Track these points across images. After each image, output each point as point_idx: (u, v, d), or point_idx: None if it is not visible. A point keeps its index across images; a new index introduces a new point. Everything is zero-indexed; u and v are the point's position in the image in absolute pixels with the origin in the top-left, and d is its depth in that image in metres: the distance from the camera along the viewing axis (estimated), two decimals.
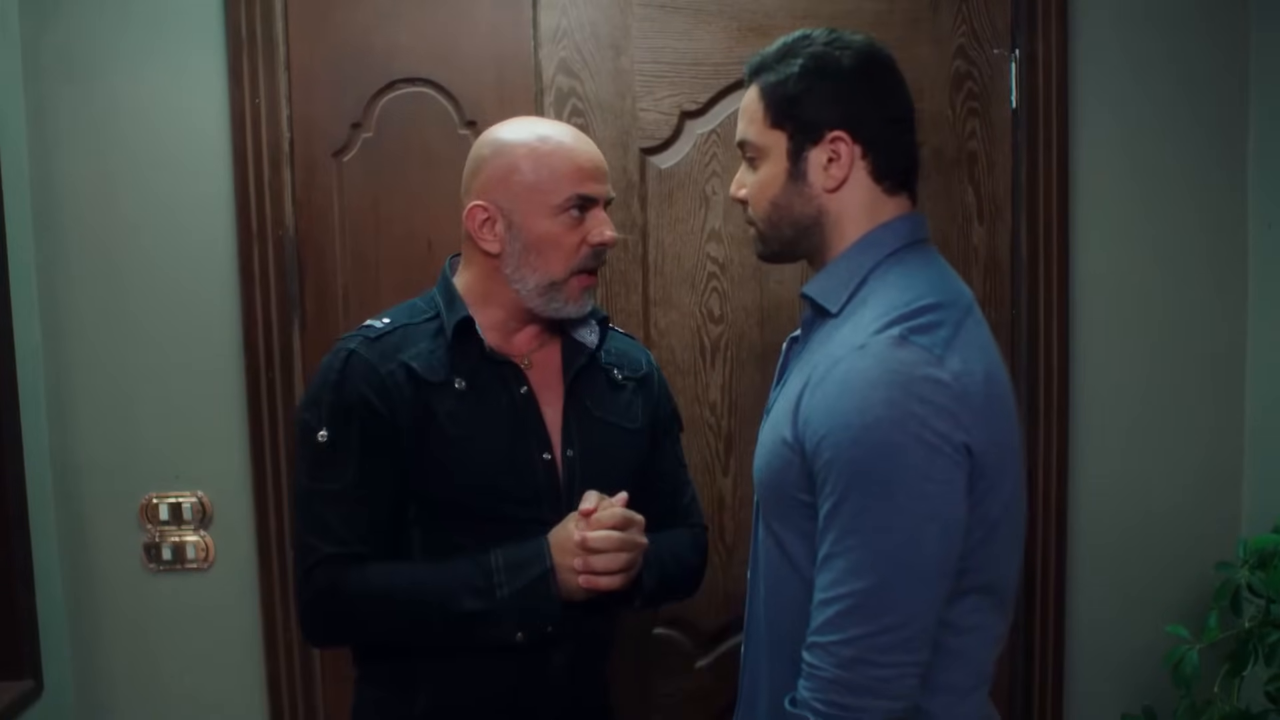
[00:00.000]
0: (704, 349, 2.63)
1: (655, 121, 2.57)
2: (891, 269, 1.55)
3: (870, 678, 1.39)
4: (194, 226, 2.51)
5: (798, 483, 1.49)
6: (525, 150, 1.79)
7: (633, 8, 2.54)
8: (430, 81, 2.54)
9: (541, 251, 1.78)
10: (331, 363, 1.78)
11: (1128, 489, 2.71)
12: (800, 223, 1.60)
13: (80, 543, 2.57)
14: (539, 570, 1.74)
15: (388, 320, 1.83)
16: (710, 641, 2.69)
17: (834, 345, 1.49)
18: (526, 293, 1.81)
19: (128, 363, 2.53)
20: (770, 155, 1.60)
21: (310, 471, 1.75)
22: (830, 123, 1.55)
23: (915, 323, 1.44)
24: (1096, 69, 2.62)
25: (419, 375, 1.77)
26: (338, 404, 1.74)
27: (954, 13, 2.59)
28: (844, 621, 1.40)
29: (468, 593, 1.72)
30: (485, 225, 1.80)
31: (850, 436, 1.39)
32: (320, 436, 1.73)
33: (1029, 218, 2.63)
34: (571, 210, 1.78)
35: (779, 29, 2.55)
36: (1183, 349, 2.70)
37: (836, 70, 1.55)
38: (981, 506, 1.45)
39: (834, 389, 1.43)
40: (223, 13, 2.48)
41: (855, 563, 1.40)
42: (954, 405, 1.40)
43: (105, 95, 2.50)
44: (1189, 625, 2.48)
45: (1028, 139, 2.61)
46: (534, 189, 1.77)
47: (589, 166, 1.81)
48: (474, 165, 1.84)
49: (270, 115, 2.50)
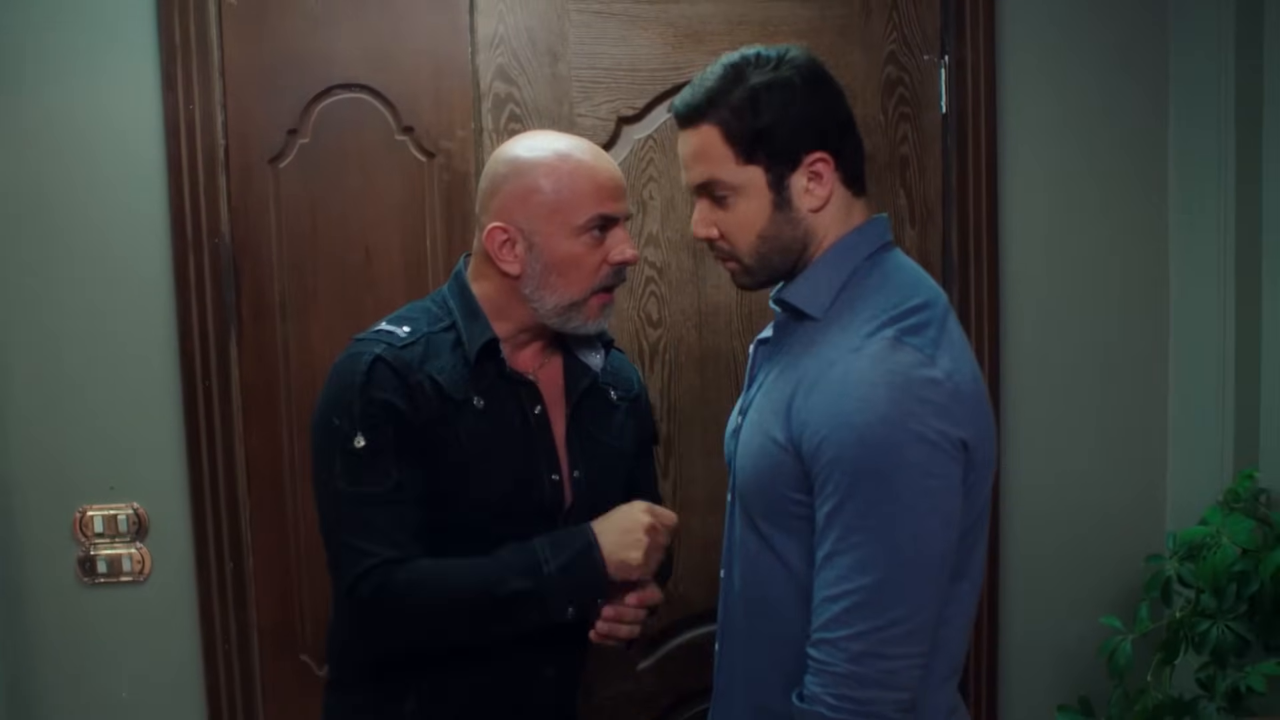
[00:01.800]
0: (643, 353, 2.64)
1: (593, 127, 2.58)
2: (870, 272, 1.59)
3: (880, 670, 1.42)
4: (128, 234, 2.48)
5: (791, 483, 1.52)
6: (545, 169, 1.75)
7: (569, 14, 2.56)
8: (367, 87, 2.53)
9: (563, 272, 1.76)
10: (353, 367, 1.73)
11: (1057, 485, 2.77)
12: (790, 248, 1.61)
13: (12, 556, 2.52)
14: (582, 544, 1.74)
15: (408, 330, 1.78)
16: (651, 644, 2.70)
17: (825, 348, 1.53)
18: (545, 312, 1.79)
19: (60, 373, 2.49)
20: (747, 191, 1.58)
21: (350, 477, 1.69)
22: (806, 145, 1.56)
23: (906, 324, 1.49)
24: (1022, 75, 2.69)
25: (444, 390, 1.75)
26: (370, 409, 1.70)
27: (885, 19, 2.64)
28: (851, 617, 1.43)
29: (514, 574, 1.70)
30: (505, 246, 1.76)
31: (853, 436, 1.43)
32: (358, 443, 1.68)
33: (959, 220, 2.68)
34: (593, 230, 1.76)
35: (713, 35, 2.58)
36: (1108, 349, 2.78)
37: (794, 91, 1.56)
38: (971, 497, 1.51)
39: (832, 391, 1.47)
40: (155, 17, 2.46)
41: (861, 559, 1.43)
42: (949, 402, 1.45)
43: (34, 102, 2.46)
44: (1121, 617, 2.54)
45: (957, 143, 2.66)
46: (555, 210, 1.74)
47: (610, 185, 1.78)
48: (491, 184, 1.80)
49: (205, 122, 2.48)
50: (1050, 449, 2.77)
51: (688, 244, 2.61)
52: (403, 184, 2.56)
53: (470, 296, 1.82)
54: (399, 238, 2.57)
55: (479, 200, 1.83)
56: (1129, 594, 2.70)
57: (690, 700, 2.69)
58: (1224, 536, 2.37)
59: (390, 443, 1.70)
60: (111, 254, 2.48)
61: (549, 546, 1.72)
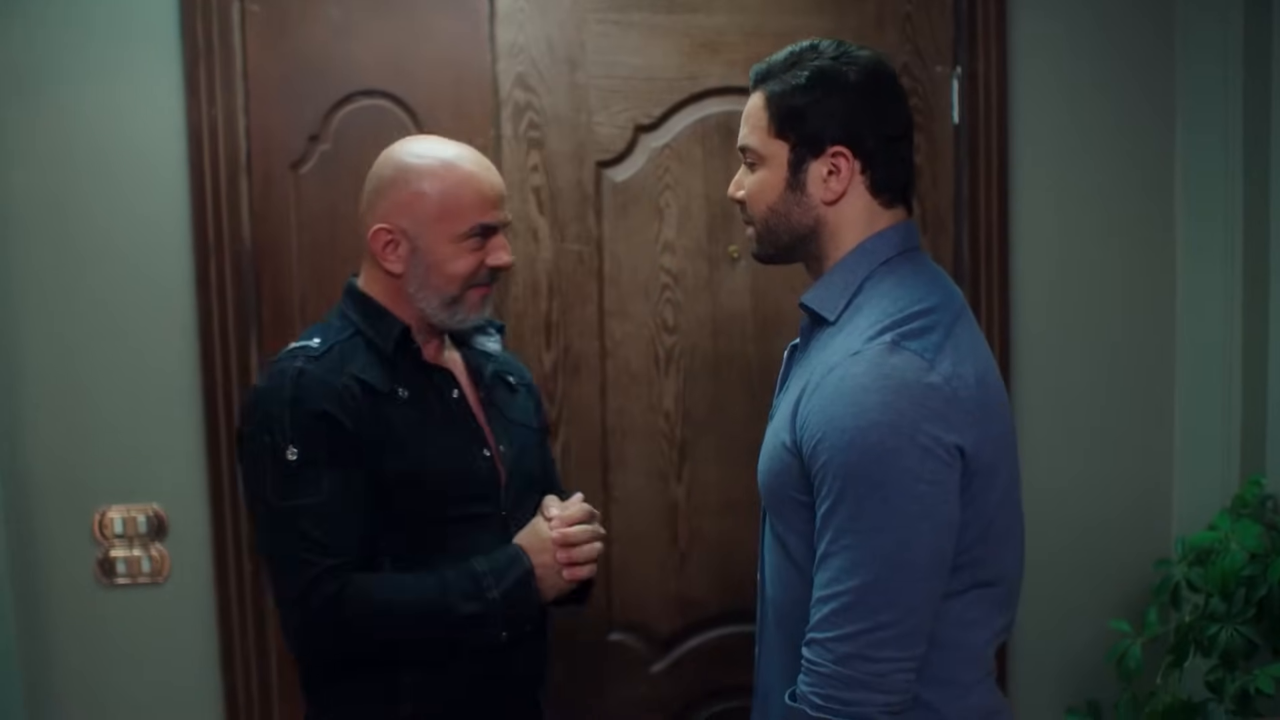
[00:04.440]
0: (658, 359, 2.67)
1: (610, 135, 2.61)
2: (885, 277, 1.59)
3: (866, 673, 1.44)
4: (150, 239, 2.50)
5: (796, 484, 1.55)
6: (431, 176, 1.85)
7: (588, 24, 2.59)
8: (388, 94, 2.55)
9: (443, 273, 1.85)
10: (279, 381, 1.78)
11: (1068, 490, 2.80)
12: (797, 231, 1.64)
13: (32, 557, 2.53)
14: (521, 571, 1.84)
15: (318, 340, 1.84)
16: (666, 646, 2.72)
17: (830, 352, 1.55)
18: (429, 309, 1.88)
19: (82, 375, 2.50)
20: (771, 163, 1.63)
21: (283, 491, 1.74)
22: (833, 137, 1.58)
23: (907, 328, 1.50)
24: (1034, 86, 2.72)
25: (371, 386, 1.82)
26: (300, 420, 1.75)
27: (898, 31, 2.67)
28: (840, 619, 1.46)
29: (463, 597, 1.78)
30: (389, 247, 1.86)
31: (845, 440, 1.45)
32: (290, 454, 1.73)
33: (970, 229, 2.71)
34: (475, 237, 1.85)
35: (730, 45, 2.61)
36: (1118, 356, 2.81)
37: (843, 85, 1.58)
38: (976, 503, 1.52)
39: (829, 394, 1.49)
40: (179, 23, 2.48)
41: (851, 561, 1.45)
42: (945, 408, 1.46)
43: (58, 106, 2.47)
44: (1130, 620, 2.57)
45: (969, 153, 2.70)
46: (440, 218, 1.84)
47: (492, 195, 1.88)
48: (377, 185, 1.89)
49: (227, 127, 2.50)
50: (1059, 454, 2.79)
51: (704, 251, 2.64)
52: None
53: (367, 299, 1.90)
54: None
55: (364, 200, 1.91)
56: (1137, 598, 2.73)
57: (704, 702, 2.71)
58: (1232, 541, 2.41)
59: (323, 452, 1.75)
60: (133, 258, 2.50)
61: (490, 572, 1.81)
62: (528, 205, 2.60)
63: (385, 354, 1.86)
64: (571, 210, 2.63)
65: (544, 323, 2.64)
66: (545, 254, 2.62)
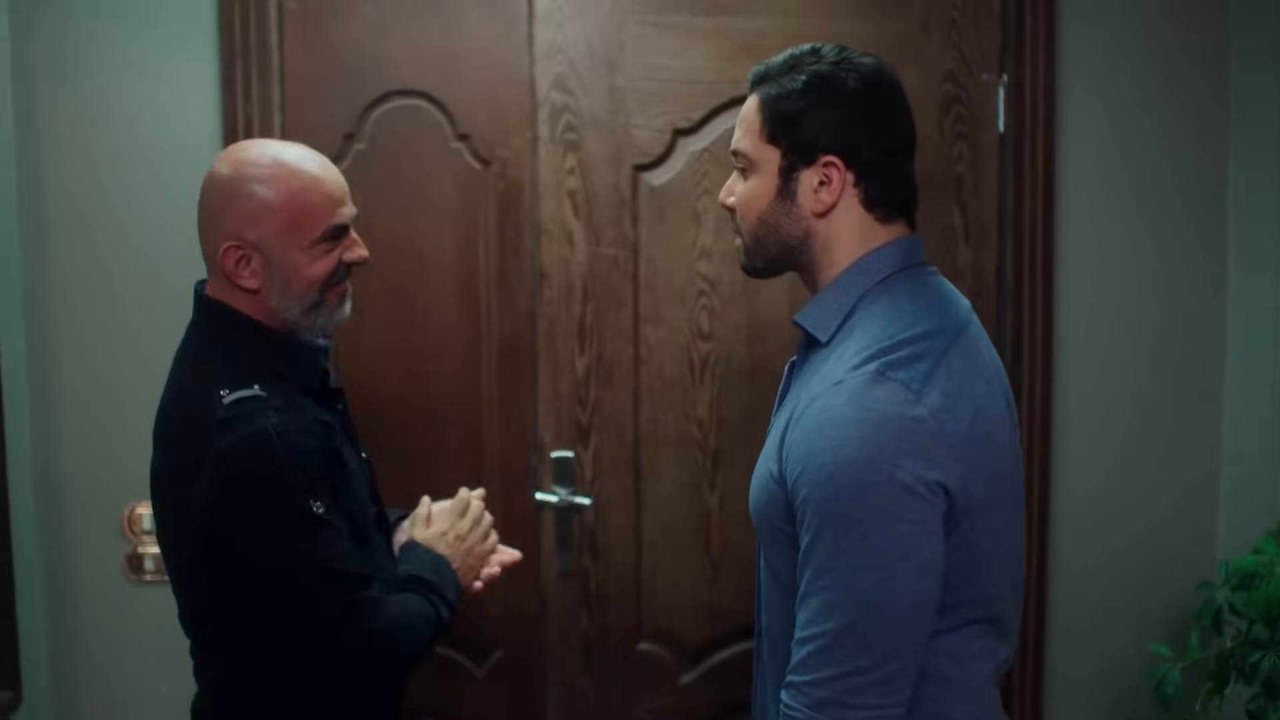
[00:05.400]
0: (693, 366, 2.64)
1: (648, 139, 2.59)
2: (880, 298, 1.51)
3: (841, 719, 1.38)
4: (184, 234, 2.44)
5: (782, 515, 1.48)
6: (272, 185, 1.73)
7: (628, 25, 2.56)
8: (424, 94, 2.54)
9: (301, 279, 1.76)
10: (263, 440, 1.67)
11: (1109, 509, 2.74)
12: (786, 242, 1.57)
13: (62, 552, 2.54)
14: (449, 569, 1.92)
15: (256, 387, 1.71)
16: (695, 656, 2.69)
17: (817, 379, 1.48)
18: (293, 317, 1.79)
19: (113, 371, 2.51)
20: (762, 169, 1.55)
21: (318, 543, 1.69)
22: (825, 146, 1.50)
23: (894, 356, 1.42)
24: (1083, 94, 2.66)
25: (327, 424, 1.79)
26: (309, 474, 1.70)
27: (944, 37, 2.62)
28: (816, 662, 1.39)
29: (442, 605, 1.85)
30: (241, 264, 1.74)
31: (824, 475, 1.38)
32: (317, 509, 1.69)
33: (1015, 240, 2.66)
34: (327, 241, 1.77)
35: (769, 49, 2.53)
36: (1164, 371, 2.74)
37: (840, 92, 1.50)
38: (968, 542, 1.43)
39: (811, 426, 1.42)
40: (216, 20, 2.48)
41: (828, 602, 1.38)
42: (929, 443, 1.38)
43: (96, 100, 2.49)
44: (1170, 644, 2.51)
45: (1014, 163, 2.64)
46: (289, 227, 1.73)
47: (338, 194, 1.79)
48: (219, 199, 1.76)
49: (263, 125, 2.49)
50: (1102, 472, 2.73)
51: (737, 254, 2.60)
52: (457, 191, 2.57)
53: (253, 324, 1.78)
54: (452, 245, 2.58)
55: (203, 217, 1.79)
56: (1178, 621, 2.67)
57: (732, 714, 2.67)
58: (1277, 566, 2.34)
59: (329, 494, 1.73)
60: (167, 255, 2.49)
61: (435, 580, 1.87)
62: (563, 208, 2.58)
63: (309, 389, 1.80)
64: (607, 214, 2.60)
65: (577, 327, 2.62)
66: (580, 258, 2.60)
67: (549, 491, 2.64)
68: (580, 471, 2.65)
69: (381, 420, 2.52)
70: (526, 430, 2.64)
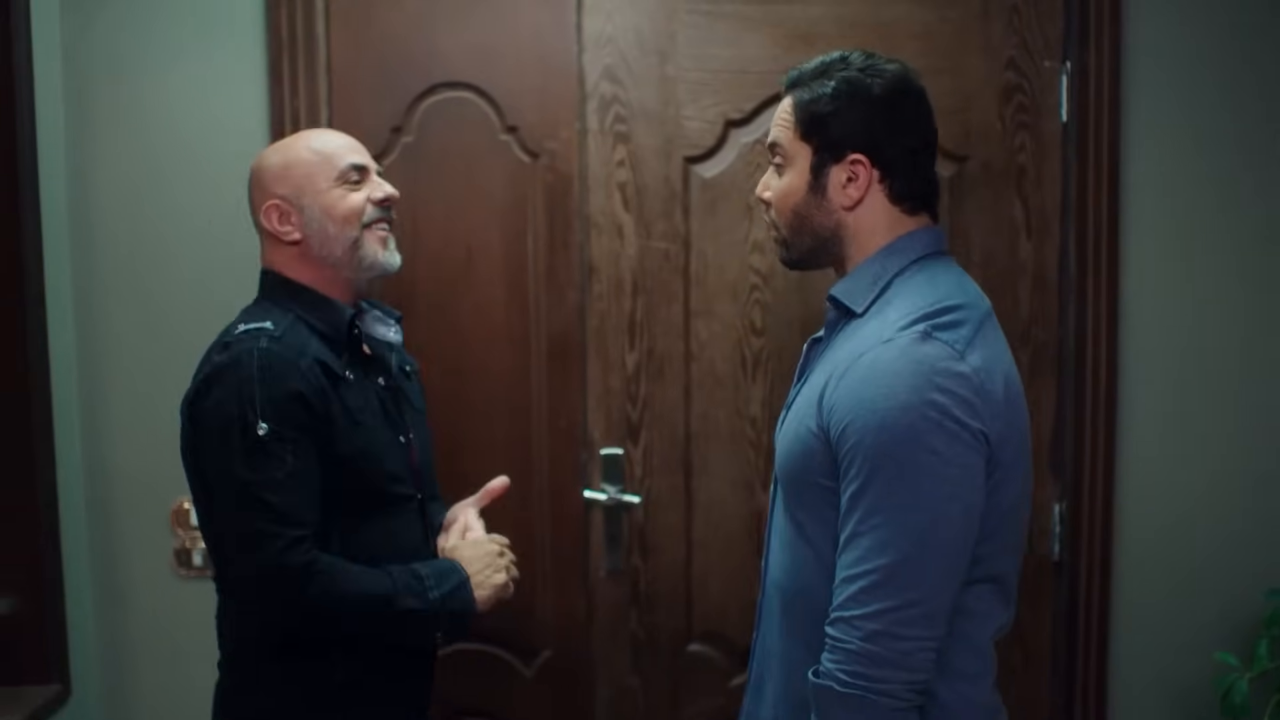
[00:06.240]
0: (745, 362, 2.59)
1: (699, 130, 2.54)
2: (916, 273, 1.65)
3: (893, 650, 1.47)
4: (231, 229, 2.47)
5: (821, 469, 1.58)
6: (294, 146, 1.96)
7: (679, 14, 2.51)
8: (472, 86, 2.52)
9: (335, 218, 1.92)
10: (244, 360, 1.80)
11: (1173, 511, 2.65)
12: (820, 234, 1.70)
13: (111, 547, 2.55)
14: (459, 579, 1.93)
15: (270, 323, 1.87)
16: (746, 658, 2.63)
17: (858, 340, 1.59)
18: (338, 261, 1.94)
19: (161, 367, 2.50)
20: (796, 164, 1.69)
21: (251, 464, 1.77)
22: (853, 145, 1.64)
23: (939, 320, 1.55)
24: (1150, 82, 2.57)
25: (329, 367, 1.87)
26: (271, 396, 1.79)
27: (1005, 24, 2.55)
28: (868, 596, 1.48)
29: (407, 592, 1.86)
30: (282, 219, 1.93)
31: (875, 421, 1.49)
32: (260, 430, 1.77)
33: (1078, 233, 2.58)
34: (350, 179, 1.94)
35: (825, 37, 2.52)
36: (1231, 372, 2.64)
37: (866, 96, 1.64)
38: (996, 495, 1.55)
39: (859, 378, 1.53)
40: (264, 13, 2.47)
41: (880, 540, 1.48)
42: (973, 396, 1.50)
43: (145, 93, 2.49)
44: (1237, 653, 2.44)
45: (1078, 153, 2.56)
46: (314, 169, 1.92)
47: (353, 143, 1.99)
48: (256, 181, 1.96)
49: (310, 118, 2.48)
50: (1167, 474, 2.65)
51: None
52: (505, 184, 2.54)
53: (300, 286, 1.94)
54: (500, 238, 2.55)
55: (251, 203, 1.97)
56: (1246, 629, 2.59)
57: None
58: None
59: (290, 429, 1.79)
60: (214, 250, 2.50)
61: (432, 575, 1.91)
62: (613, 201, 2.55)
63: (334, 340, 1.92)
64: (658, 207, 2.56)
65: (627, 322, 2.58)
66: (630, 251, 2.56)
67: (598, 489, 2.61)
68: (630, 469, 2.61)
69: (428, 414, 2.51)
70: (575, 427, 2.60)
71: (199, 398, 1.83)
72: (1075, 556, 2.62)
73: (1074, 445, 2.61)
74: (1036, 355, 2.61)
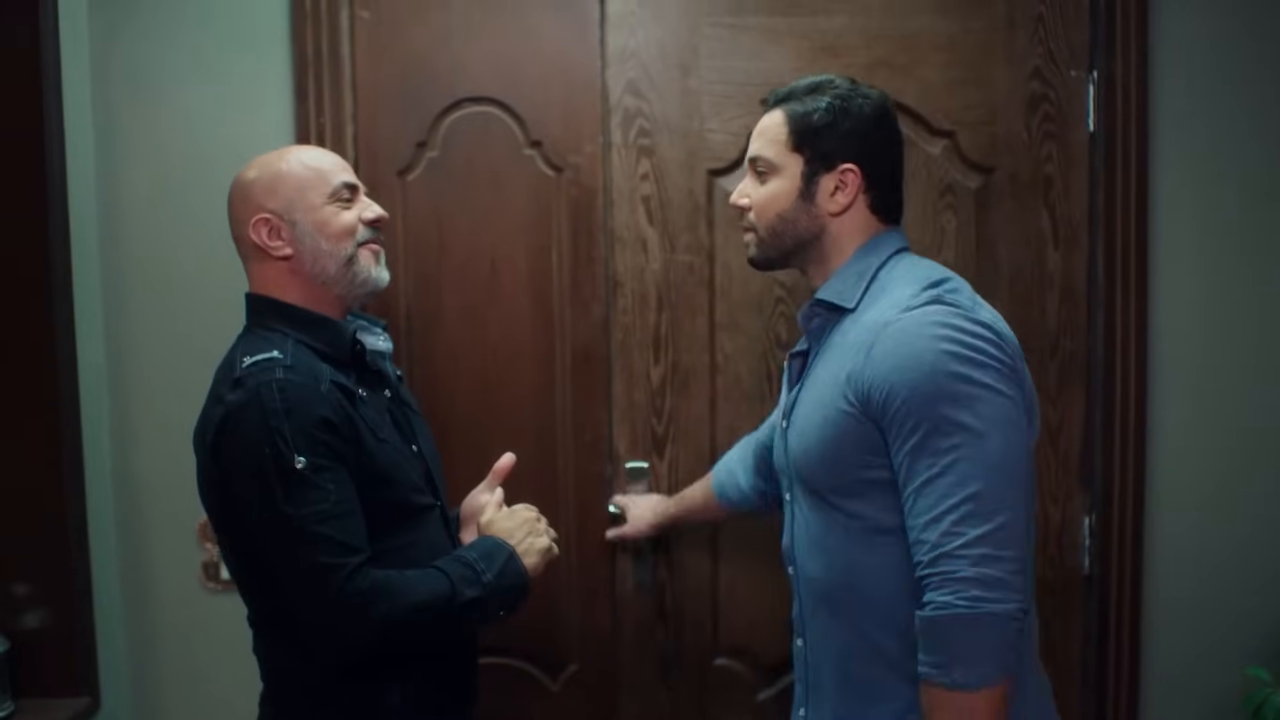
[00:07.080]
0: (770, 375, 2.58)
1: (723, 143, 2.54)
2: (898, 264, 1.81)
3: (1002, 570, 1.56)
4: None
5: (859, 444, 1.69)
6: (284, 160, 1.93)
7: (701, 28, 2.52)
8: (496, 101, 2.53)
9: (328, 235, 1.90)
10: (262, 393, 1.76)
11: (1205, 527, 2.63)
12: (802, 237, 1.85)
13: (139, 560, 2.57)
14: (506, 553, 1.93)
15: (276, 352, 1.82)
16: (773, 673, 2.64)
17: (868, 322, 1.71)
18: (330, 278, 1.92)
19: (190, 381, 2.49)
20: (784, 173, 1.84)
21: (296, 500, 1.73)
22: (845, 156, 1.81)
23: (943, 289, 1.71)
24: (1179, 91, 2.56)
25: (346, 389, 1.86)
26: (301, 427, 1.75)
27: (1030, 33, 2.54)
28: (964, 527, 1.57)
29: (464, 584, 1.84)
30: (271, 234, 1.90)
31: (924, 371, 1.61)
32: (299, 463, 1.73)
33: (1106, 243, 2.56)
34: (343, 196, 1.93)
35: (850, 49, 2.52)
36: (1264, 383, 2.62)
37: (858, 114, 1.81)
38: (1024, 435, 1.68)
39: (891, 345, 1.65)
40: (289, 31, 2.49)
41: (960, 475, 1.58)
42: (1000, 341, 1.65)
43: (171, 110, 2.51)
44: (1269, 667, 2.41)
45: (1105, 163, 2.55)
46: (306, 185, 1.90)
47: (342, 163, 1.98)
48: (241, 195, 1.94)
49: (335, 134, 2.50)
50: (1198, 485, 2.62)
51: None
52: (530, 198, 2.55)
53: (290, 308, 1.92)
54: (525, 252, 2.56)
55: (234, 217, 1.95)
56: (1278, 644, 2.55)
57: None
58: None
59: (326, 457, 1.77)
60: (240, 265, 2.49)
61: (481, 559, 1.89)
62: (637, 215, 2.55)
63: (336, 359, 1.89)
64: (682, 220, 2.56)
65: (652, 336, 2.58)
66: (654, 265, 2.56)
67: None
68: (655, 482, 2.61)
69: (452, 429, 2.53)
70: (601, 440, 2.60)
71: (222, 439, 1.78)
72: (1105, 569, 2.59)
73: (1103, 457, 2.58)
74: (1065, 366, 2.58)
